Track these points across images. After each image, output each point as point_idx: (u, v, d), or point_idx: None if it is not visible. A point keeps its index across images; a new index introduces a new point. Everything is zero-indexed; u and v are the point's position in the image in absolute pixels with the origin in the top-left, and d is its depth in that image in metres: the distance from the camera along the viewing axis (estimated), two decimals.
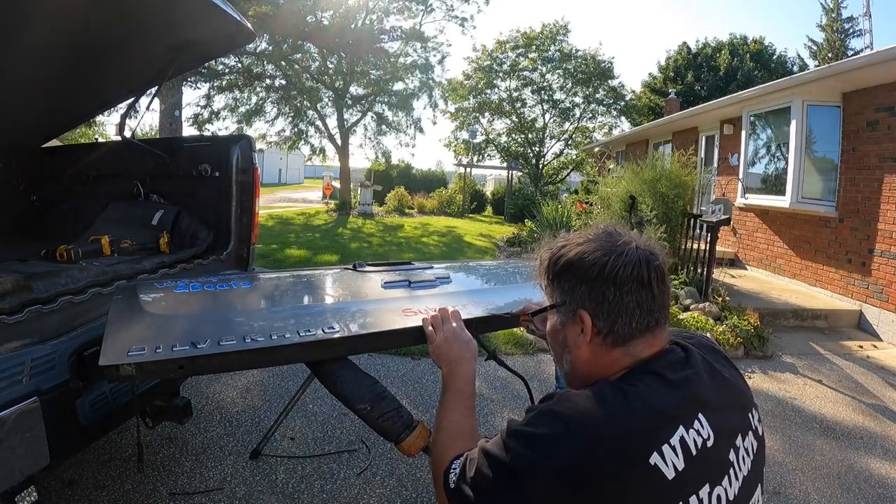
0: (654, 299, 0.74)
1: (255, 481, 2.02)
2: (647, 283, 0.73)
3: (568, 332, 0.79)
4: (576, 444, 0.64)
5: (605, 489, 0.62)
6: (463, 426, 0.91)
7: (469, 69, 19.71)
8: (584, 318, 0.75)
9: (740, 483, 0.71)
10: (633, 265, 0.73)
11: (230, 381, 2.89)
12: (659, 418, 0.66)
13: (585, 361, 0.77)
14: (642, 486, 0.62)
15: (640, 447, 0.63)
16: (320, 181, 24.72)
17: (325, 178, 19.68)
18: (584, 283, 0.75)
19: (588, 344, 0.76)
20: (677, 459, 0.64)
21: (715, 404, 0.72)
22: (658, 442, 0.64)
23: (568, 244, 0.80)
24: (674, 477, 0.63)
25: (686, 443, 0.66)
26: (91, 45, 1.97)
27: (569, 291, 0.77)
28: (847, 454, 2.55)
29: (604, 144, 14.23)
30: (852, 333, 4.70)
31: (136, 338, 1.05)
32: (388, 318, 1.26)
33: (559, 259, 0.79)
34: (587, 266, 0.74)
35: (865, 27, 22.10)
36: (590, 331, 0.75)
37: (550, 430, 0.66)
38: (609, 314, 0.73)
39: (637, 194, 5.69)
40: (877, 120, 4.84)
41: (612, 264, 0.73)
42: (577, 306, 0.76)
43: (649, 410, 0.66)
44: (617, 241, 0.76)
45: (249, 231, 2.32)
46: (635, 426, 0.65)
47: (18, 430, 1.11)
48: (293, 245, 7.75)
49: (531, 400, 1.33)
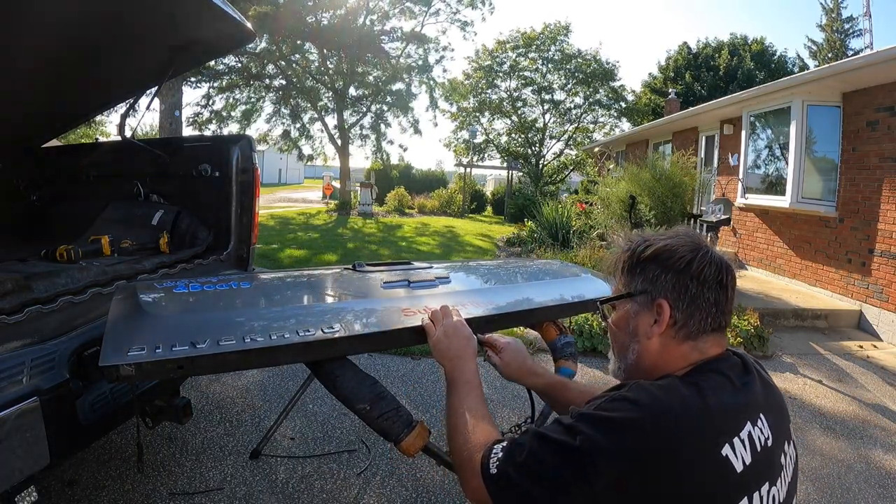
0: (726, 302, 0.77)
1: (255, 481, 2.03)
2: (724, 285, 0.77)
3: (640, 321, 0.80)
4: (652, 429, 0.64)
5: (678, 477, 0.62)
6: (483, 412, 0.90)
7: (469, 69, 19.73)
8: (663, 306, 0.76)
9: (787, 488, 0.73)
10: (716, 266, 0.76)
11: (230, 381, 2.89)
12: (730, 412, 0.68)
13: (654, 353, 0.78)
14: (713, 476, 0.63)
15: (713, 437, 0.65)
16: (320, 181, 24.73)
17: (325, 179, 19.69)
18: (669, 273, 0.77)
19: (660, 335, 0.77)
20: (746, 453, 0.66)
21: (770, 407, 0.75)
22: (730, 434, 0.66)
23: (652, 238, 0.83)
24: (742, 470, 0.64)
25: (753, 438, 0.68)
26: (91, 45, 1.97)
27: (652, 280, 0.79)
28: (847, 454, 2.55)
29: (604, 144, 14.23)
30: (852, 333, 4.69)
31: (135, 338, 1.05)
32: (388, 318, 1.26)
33: (647, 248, 0.81)
34: (676, 258, 0.77)
35: (865, 27, 22.13)
36: (666, 320, 0.76)
37: (626, 414, 0.66)
38: (688, 307, 0.76)
39: (637, 194, 5.69)
40: (877, 120, 4.83)
41: (699, 261, 0.76)
42: (657, 295, 0.77)
43: (721, 403, 0.68)
44: (699, 242, 0.79)
45: (249, 231, 2.33)
46: (709, 416, 0.66)
47: (18, 430, 1.11)
48: (293, 245, 7.75)
49: (531, 402, 1.33)
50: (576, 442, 0.66)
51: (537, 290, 1.65)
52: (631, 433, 0.64)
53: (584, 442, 0.66)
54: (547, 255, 6.58)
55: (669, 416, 0.65)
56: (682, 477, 0.62)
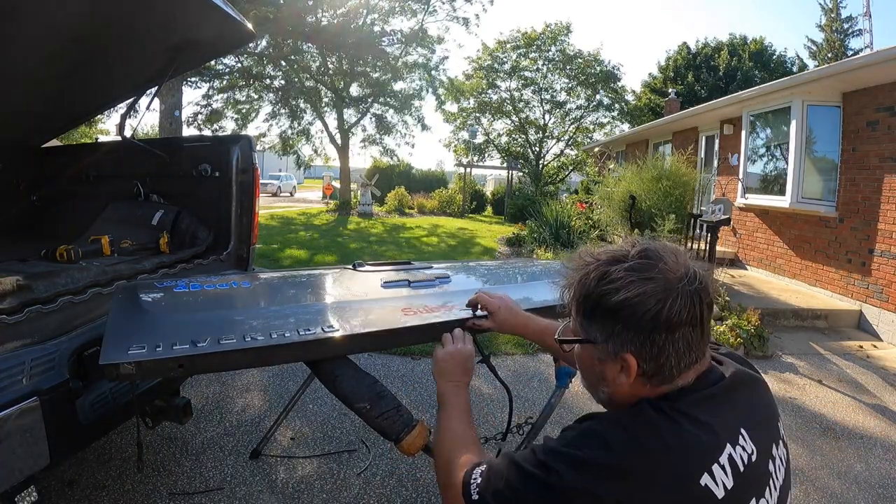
0: (702, 335, 0.69)
1: (255, 481, 2.02)
2: (699, 322, 0.68)
3: (607, 369, 0.72)
4: (625, 474, 0.62)
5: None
6: (469, 435, 0.92)
7: (470, 69, 19.72)
8: (628, 360, 0.69)
9: (778, 492, 0.71)
10: (688, 306, 0.66)
11: (230, 381, 2.89)
12: (708, 439, 0.64)
13: (626, 395, 0.72)
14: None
15: (690, 471, 0.62)
16: (320, 181, 24.73)
17: (325, 179, 19.70)
18: (632, 331, 0.67)
19: (630, 384, 0.71)
20: (727, 478, 0.63)
21: (753, 419, 0.72)
22: (708, 463, 0.63)
23: (607, 278, 0.69)
24: (723, 496, 0.62)
25: (734, 461, 0.65)
26: (91, 45, 1.97)
27: (613, 335, 0.69)
28: (847, 454, 2.54)
29: (604, 144, 14.24)
30: (852, 333, 4.69)
31: (136, 337, 1.05)
32: (388, 318, 1.26)
33: (602, 296, 0.69)
34: (640, 313, 0.66)
35: (865, 27, 22.13)
36: (633, 373, 0.69)
37: (598, 457, 0.63)
38: (658, 358, 0.67)
39: (638, 194, 5.70)
40: (877, 120, 4.84)
41: (667, 311, 0.65)
42: (620, 350, 0.69)
43: (698, 432, 0.64)
44: (669, 279, 0.67)
45: (249, 231, 2.33)
46: (686, 451, 0.63)
47: (18, 430, 1.11)
48: (294, 245, 7.75)
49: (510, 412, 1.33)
50: (549, 479, 0.65)
51: (538, 290, 1.66)
52: (604, 477, 0.62)
53: (556, 482, 0.64)
54: (547, 256, 6.58)
55: (643, 458, 0.62)
56: None
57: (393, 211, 15.31)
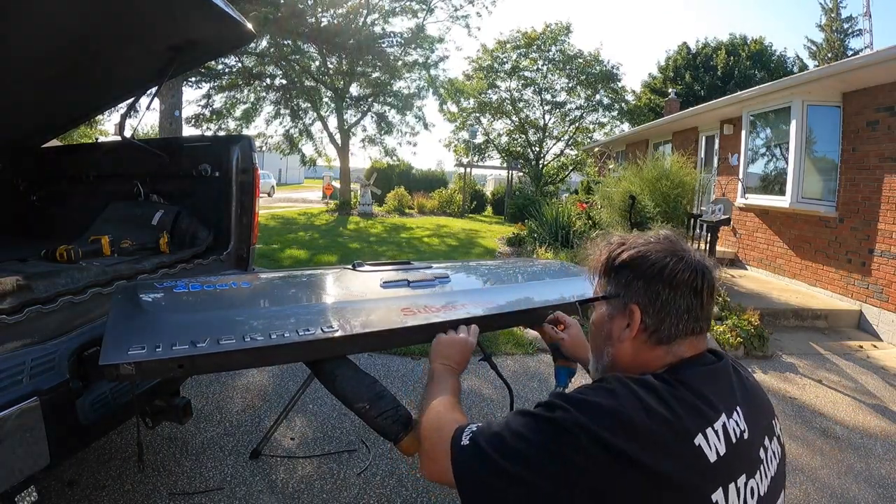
0: (701, 307, 0.77)
1: (255, 481, 2.03)
2: (699, 291, 0.77)
3: (614, 325, 0.82)
4: (626, 420, 0.65)
5: (648, 468, 0.63)
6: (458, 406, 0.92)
7: (470, 69, 19.71)
8: (634, 312, 0.78)
9: (769, 482, 0.73)
10: (691, 272, 0.77)
11: (230, 381, 2.89)
12: (703, 404, 0.69)
13: (627, 356, 0.80)
14: (686, 465, 0.64)
15: (685, 427, 0.66)
16: (320, 181, 24.71)
17: (325, 179, 19.68)
18: (641, 279, 0.78)
19: (632, 340, 0.79)
20: (719, 444, 0.67)
21: (748, 402, 0.76)
22: (703, 425, 0.67)
23: (630, 242, 0.83)
24: (716, 460, 0.65)
25: (727, 430, 0.68)
26: (91, 45, 1.97)
27: (624, 285, 0.80)
28: (847, 454, 2.54)
29: (604, 144, 14.23)
30: (852, 333, 4.69)
31: (136, 337, 1.05)
32: (388, 318, 1.27)
33: (621, 253, 0.82)
34: (648, 264, 0.78)
35: (865, 27, 22.13)
36: (637, 326, 0.78)
37: (604, 402, 0.67)
38: (659, 313, 0.77)
39: (638, 194, 5.70)
40: (877, 120, 4.83)
41: (671, 267, 0.76)
42: (629, 300, 0.79)
43: (694, 396, 0.69)
44: (677, 247, 0.80)
45: (249, 231, 2.33)
46: (682, 409, 0.67)
47: (18, 430, 1.11)
48: (294, 245, 7.75)
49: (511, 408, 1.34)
50: (554, 414, 0.68)
51: (537, 290, 1.66)
52: (607, 420, 0.65)
53: (562, 417, 0.67)
54: (547, 255, 6.58)
55: (642, 409, 0.66)
56: (652, 468, 0.63)
57: (393, 211, 15.29)
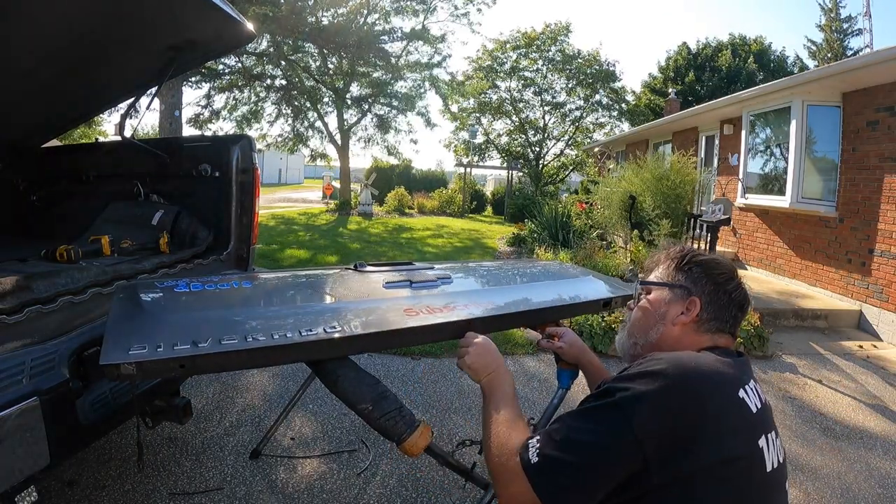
0: (737, 322, 0.95)
1: (255, 481, 2.02)
2: (744, 310, 0.96)
3: (671, 309, 0.95)
4: (680, 374, 0.74)
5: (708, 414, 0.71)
6: (518, 418, 0.90)
7: (470, 69, 19.69)
8: (695, 303, 0.93)
9: (783, 454, 0.81)
10: (744, 294, 0.97)
11: (230, 381, 2.89)
12: (737, 369, 0.81)
13: (674, 337, 0.93)
14: (736, 413, 0.74)
15: (730, 382, 0.77)
16: (320, 181, 24.69)
17: (325, 179, 19.67)
18: (711, 281, 0.95)
19: (683, 325, 0.93)
20: (756, 399, 0.79)
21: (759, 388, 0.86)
22: (741, 383, 0.79)
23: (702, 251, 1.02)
24: (755, 412, 0.77)
25: (757, 391, 0.81)
26: (91, 45, 1.97)
27: (694, 281, 0.95)
28: (847, 454, 2.54)
29: (604, 144, 14.23)
30: (852, 333, 4.69)
31: (136, 336, 1.05)
32: (390, 318, 1.26)
33: (695, 256, 0.99)
34: (719, 272, 0.96)
35: (865, 27, 22.13)
36: (694, 315, 0.92)
37: (655, 367, 0.75)
38: (714, 310, 0.93)
39: (638, 194, 5.70)
40: (877, 120, 4.83)
41: (735, 283, 0.96)
42: (694, 293, 0.94)
43: (729, 363, 0.82)
44: (737, 274, 0.98)
45: (249, 231, 2.32)
46: (724, 370, 0.79)
47: (18, 430, 1.11)
48: (294, 245, 7.75)
49: None
50: (614, 398, 0.73)
51: (538, 291, 1.65)
52: (662, 379, 0.72)
53: (622, 396, 0.72)
54: (547, 256, 6.58)
55: (691, 365, 0.77)
56: (711, 415, 0.71)
57: (393, 211, 15.29)
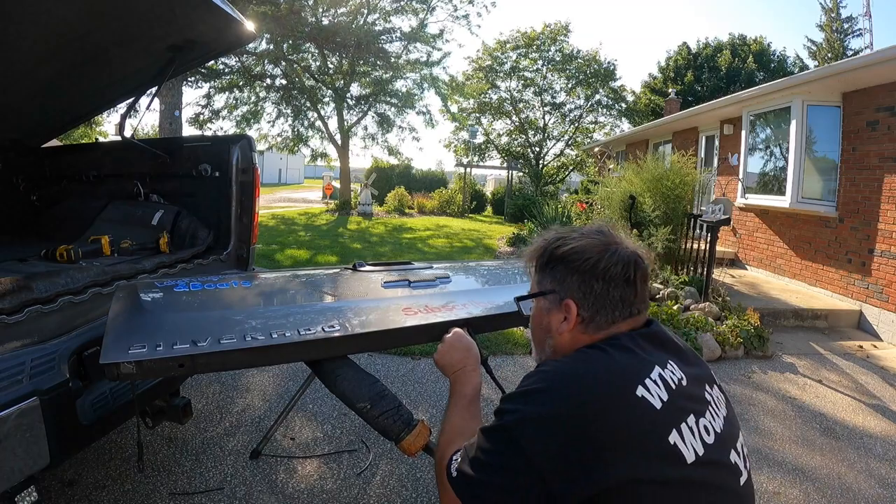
0: (635, 295, 0.82)
1: (255, 481, 2.02)
2: (632, 281, 0.81)
3: (552, 318, 0.85)
4: (564, 391, 0.70)
5: (599, 427, 0.65)
6: (462, 427, 0.92)
7: (470, 69, 19.69)
8: (570, 306, 0.81)
9: (722, 421, 0.77)
10: (623, 264, 0.80)
11: (230, 381, 2.89)
12: (637, 361, 0.74)
13: (567, 346, 0.84)
14: (633, 417, 0.67)
15: (624, 384, 0.70)
16: (320, 181, 24.71)
17: (325, 179, 19.68)
18: (575, 275, 0.82)
19: (570, 331, 0.83)
20: (661, 391, 0.71)
21: (681, 357, 0.81)
22: (640, 378, 0.71)
23: (563, 237, 0.86)
24: (661, 406, 0.69)
25: (664, 379, 0.73)
26: (91, 45, 1.97)
27: (559, 281, 0.84)
28: (847, 454, 2.54)
29: (604, 144, 14.22)
30: (852, 333, 4.69)
31: (136, 336, 1.05)
32: (389, 318, 1.26)
33: (555, 250, 0.85)
34: (582, 259, 0.81)
35: (865, 27, 22.10)
36: (574, 320, 0.82)
37: (538, 384, 0.72)
38: (594, 305, 0.81)
39: (638, 194, 5.69)
40: (877, 120, 4.83)
41: (605, 261, 0.80)
42: (565, 295, 0.82)
43: (628, 356, 0.74)
44: (609, 241, 0.83)
45: (249, 231, 2.32)
46: (617, 368, 0.72)
47: (18, 430, 1.11)
48: (294, 245, 7.75)
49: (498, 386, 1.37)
50: (503, 421, 0.72)
51: None
52: (545, 396, 0.69)
53: (508, 419, 0.71)
54: None
55: (579, 377, 0.71)
56: (602, 426, 0.65)
57: (393, 211, 15.28)
